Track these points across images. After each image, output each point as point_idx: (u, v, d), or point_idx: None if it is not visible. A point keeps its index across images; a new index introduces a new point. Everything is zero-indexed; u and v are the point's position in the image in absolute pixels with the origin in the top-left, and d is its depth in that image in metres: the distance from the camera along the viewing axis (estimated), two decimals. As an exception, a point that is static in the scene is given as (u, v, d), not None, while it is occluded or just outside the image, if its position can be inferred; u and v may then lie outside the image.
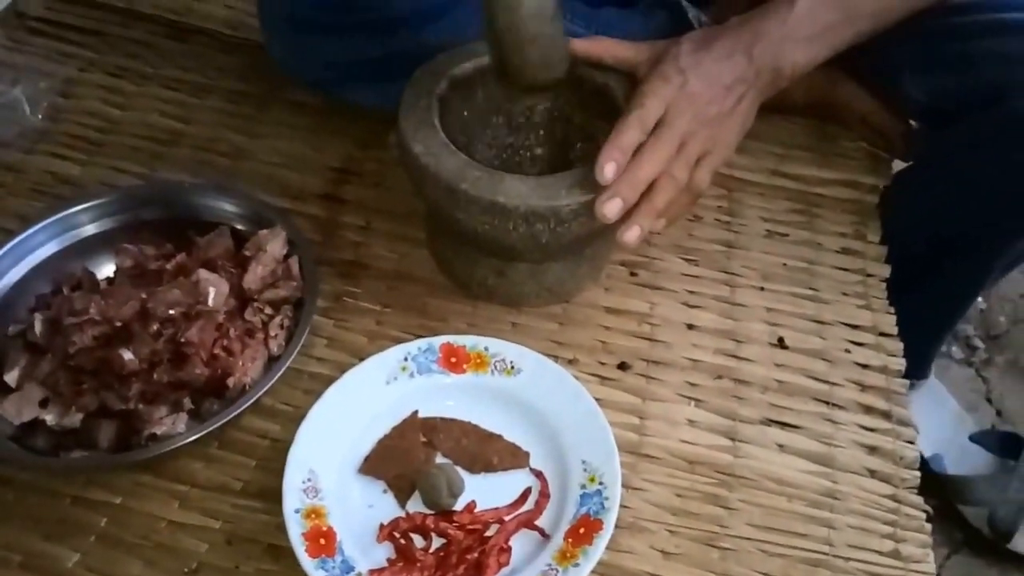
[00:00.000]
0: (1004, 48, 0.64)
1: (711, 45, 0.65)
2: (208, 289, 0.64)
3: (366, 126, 0.86)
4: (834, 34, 0.66)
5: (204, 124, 0.89)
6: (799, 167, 0.85)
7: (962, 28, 0.67)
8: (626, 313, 0.73)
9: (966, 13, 0.67)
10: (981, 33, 0.66)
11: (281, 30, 0.81)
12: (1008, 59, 0.64)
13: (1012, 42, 0.64)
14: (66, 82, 0.93)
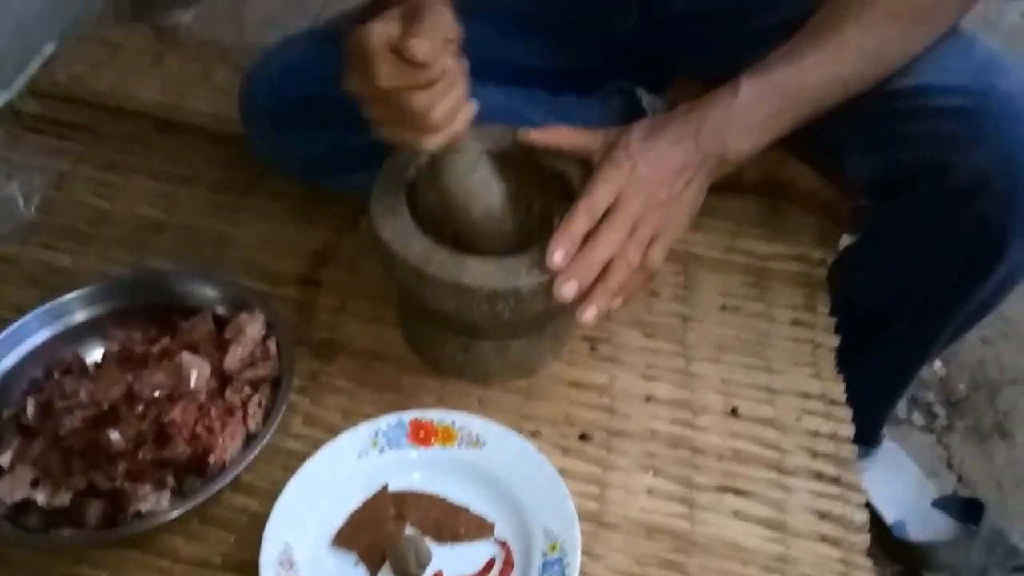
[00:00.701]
0: (934, 130, 0.70)
1: (660, 133, 0.70)
2: (191, 371, 0.68)
3: (343, 211, 0.91)
4: (775, 121, 0.71)
5: (189, 213, 0.94)
6: (751, 242, 0.91)
7: (897, 111, 0.72)
8: (587, 386, 0.77)
9: (899, 98, 0.72)
10: (914, 116, 0.71)
11: (261, 126, 0.87)
12: (938, 140, 0.69)
13: (941, 125, 0.69)
14: (59, 176, 0.98)
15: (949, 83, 0.69)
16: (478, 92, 0.62)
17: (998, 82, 0.68)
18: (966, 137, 0.67)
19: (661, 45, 0.93)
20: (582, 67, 0.95)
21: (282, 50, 0.87)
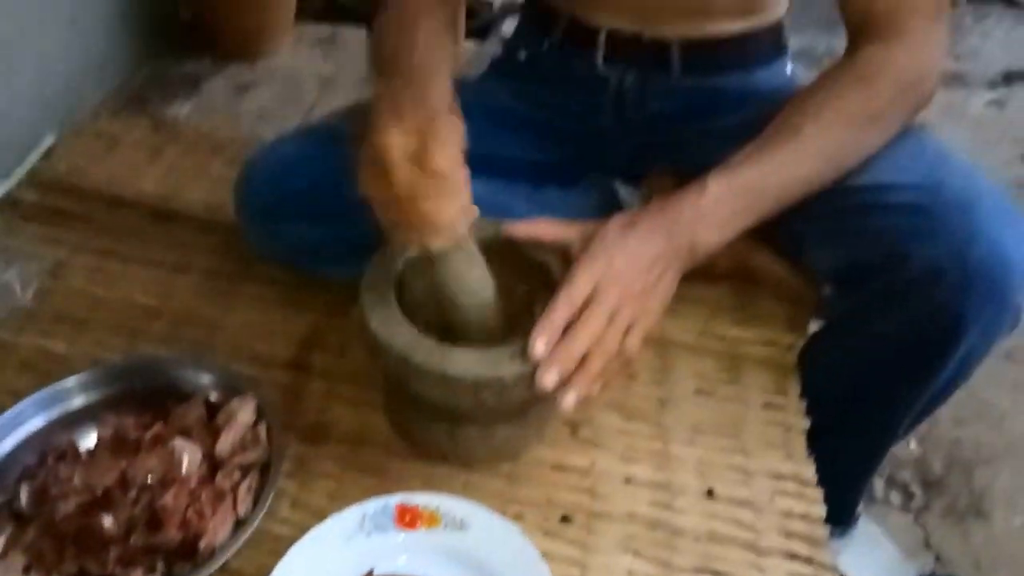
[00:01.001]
0: (890, 225, 0.74)
1: (635, 227, 0.73)
2: (183, 457, 0.70)
3: (332, 297, 0.94)
4: (741, 218, 0.76)
5: (182, 299, 0.97)
6: (725, 328, 0.94)
7: (854, 207, 0.77)
8: (569, 469, 0.79)
9: (856, 194, 0.76)
10: (870, 211, 0.76)
11: (255, 217, 0.91)
12: (894, 234, 0.73)
13: (896, 220, 0.73)
14: (56, 265, 1.01)
15: (902, 180, 0.74)
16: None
17: (947, 179, 0.73)
18: (919, 231, 0.71)
19: (636, 141, 0.98)
20: (563, 161, 1.01)
21: (277, 146, 0.92)
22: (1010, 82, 2.25)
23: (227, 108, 1.38)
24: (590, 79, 0.97)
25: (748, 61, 0.96)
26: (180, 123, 1.29)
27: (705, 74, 0.95)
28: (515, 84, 1.01)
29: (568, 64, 0.98)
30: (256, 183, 0.90)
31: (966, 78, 2.26)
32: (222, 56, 1.48)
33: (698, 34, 0.93)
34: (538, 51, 1.01)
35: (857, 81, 0.76)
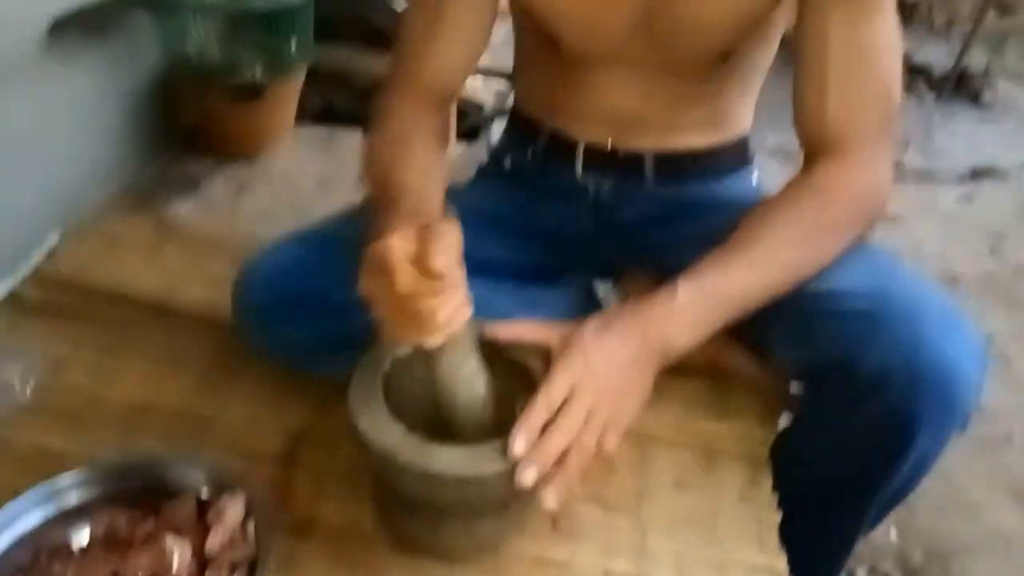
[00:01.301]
0: (842, 330, 0.78)
1: (610, 329, 0.77)
2: (173, 554, 0.72)
3: (323, 393, 0.98)
4: (709, 319, 0.80)
5: (177, 396, 1.00)
6: (700, 422, 0.98)
7: (810, 312, 0.81)
8: (549, 563, 0.82)
9: (812, 300, 0.81)
10: (825, 317, 0.80)
11: (252, 317, 0.95)
12: (846, 339, 0.78)
13: (848, 325, 0.78)
14: (56, 361, 1.04)
15: (854, 288, 0.79)
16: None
17: (895, 288, 0.78)
18: (869, 337, 0.76)
19: (613, 244, 1.04)
20: (545, 262, 1.06)
21: (275, 249, 0.96)
22: (977, 178, 2.35)
23: (227, 207, 1.44)
24: (570, 187, 1.03)
25: (716, 172, 1.02)
26: (181, 222, 1.35)
27: (676, 183, 1.01)
28: (500, 190, 1.07)
29: (549, 173, 1.04)
30: (254, 285, 0.94)
31: (936, 174, 2.36)
32: (223, 157, 1.55)
33: (669, 147, 1.00)
34: (522, 160, 1.07)
35: (813, 196, 0.82)
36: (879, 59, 0.82)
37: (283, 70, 1.56)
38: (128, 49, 1.50)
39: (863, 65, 0.81)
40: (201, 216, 1.38)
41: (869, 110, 0.82)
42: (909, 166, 2.39)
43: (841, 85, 0.81)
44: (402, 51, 0.94)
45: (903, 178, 2.34)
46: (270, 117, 1.57)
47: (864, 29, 0.80)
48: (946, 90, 2.74)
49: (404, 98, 0.93)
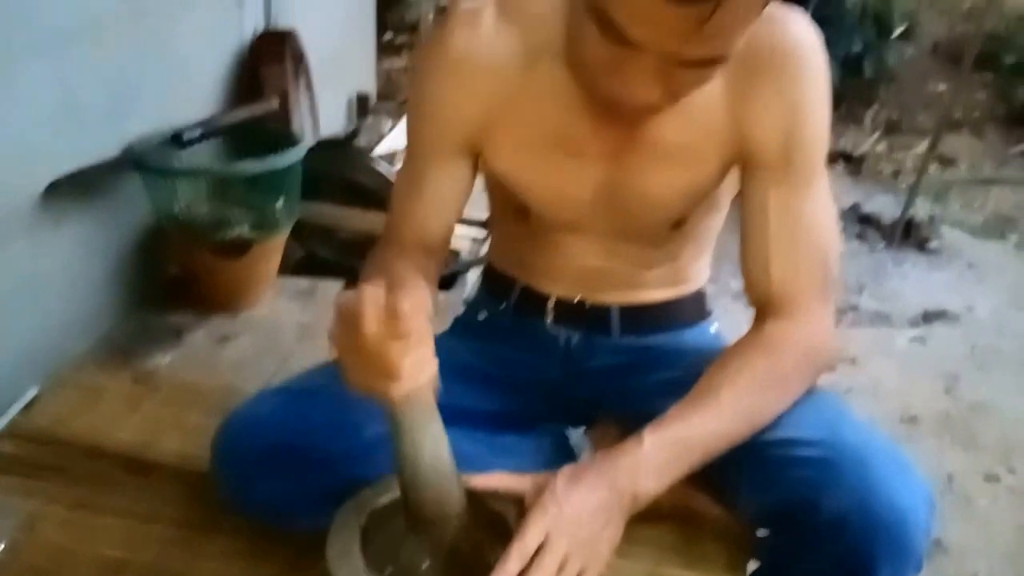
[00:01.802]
0: (798, 476, 0.82)
1: (581, 479, 0.81)
2: None
3: (298, 549, 0.98)
4: (674, 467, 0.84)
5: (150, 552, 1.00)
6: (671, 568, 0.99)
7: (767, 459, 0.85)
8: None
9: (769, 448, 0.85)
10: (781, 464, 0.84)
11: (230, 471, 0.96)
12: (802, 485, 0.82)
13: (802, 472, 0.82)
14: (29, 517, 1.04)
15: (807, 436, 0.83)
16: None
17: (846, 435, 0.83)
18: (824, 483, 0.80)
19: (583, 393, 1.09)
20: (519, 410, 1.10)
21: (255, 400, 0.99)
22: (929, 321, 2.45)
23: (207, 358, 1.47)
24: (541, 338, 1.09)
25: (677, 324, 1.09)
26: (161, 374, 1.37)
27: (640, 334, 1.07)
28: (475, 342, 1.12)
29: (522, 325, 1.10)
30: (233, 437, 0.96)
31: (890, 317, 2.47)
32: (205, 309, 1.60)
33: (633, 301, 1.07)
34: (496, 313, 1.13)
35: (763, 351, 0.88)
36: (815, 227, 0.90)
37: (269, 228, 1.63)
38: (117, 208, 1.57)
39: (801, 233, 0.89)
40: (181, 368, 1.41)
41: (809, 273, 0.90)
42: (864, 309, 2.50)
43: (783, 251, 0.89)
44: (390, 213, 1.02)
45: (859, 321, 2.44)
46: (254, 271, 1.62)
47: (801, 202, 0.89)
48: (895, 238, 2.90)
49: (391, 250, 0.99)
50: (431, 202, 0.98)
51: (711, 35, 0.69)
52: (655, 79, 0.74)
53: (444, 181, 0.97)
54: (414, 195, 0.98)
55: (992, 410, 2.05)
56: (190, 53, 1.77)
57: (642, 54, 0.72)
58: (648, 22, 0.69)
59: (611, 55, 0.74)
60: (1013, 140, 4.06)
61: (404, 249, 0.98)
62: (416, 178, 0.98)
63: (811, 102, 0.88)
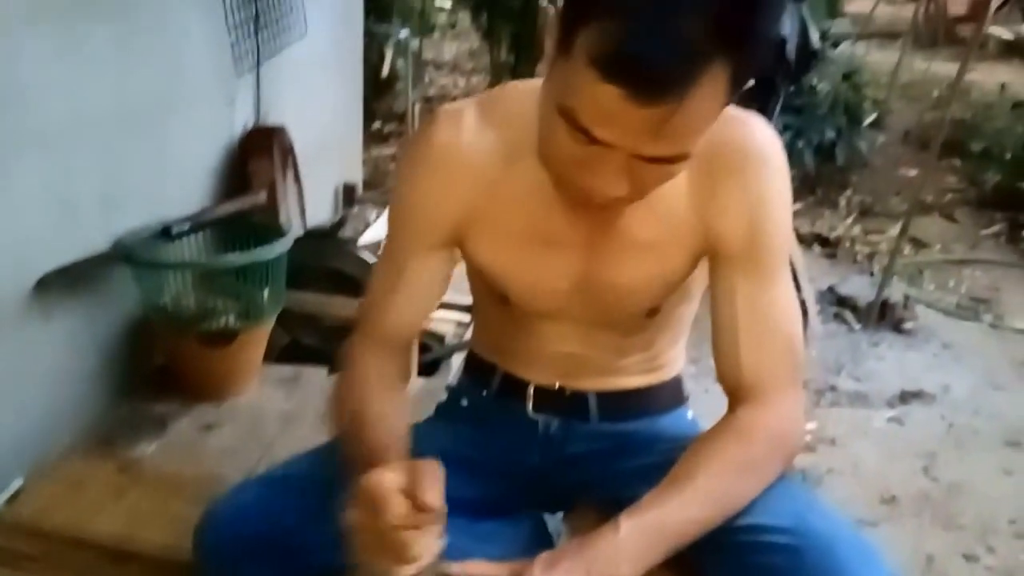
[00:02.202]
0: (767, 562, 0.84)
1: (558, 566, 0.81)
2: None
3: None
4: (650, 553, 0.85)
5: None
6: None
7: (738, 545, 0.87)
8: None
9: (739, 534, 0.87)
10: (751, 550, 0.86)
11: (213, 560, 0.97)
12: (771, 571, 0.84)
13: (771, 558, 0.84)
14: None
15: (776, 523, 0.86)
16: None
17: (814, 522, 0.85)
18: (791, 570, 0.82)
19: (562, 479, 1.11)
20: (499, 497, 1.11)
21: (239, 489, 1.01)
22: (906, 401, 2.49)
23: (192, 447, 1.48)
24: (522, 425, 1.11)
25: (654, 409, 1.12)
26: (145, 463, 1.38)
27: (618, 420, 1.10)
28: (457, 428, 1.14)
29: (503, 411, 1.13)
30: (217, 526, 0.97)
31: (868, 397, 2.50)
32: (191, 397, 1.62)
33: (610, 388, 1.10)
34: (477, 399, 1.16)
35: (736, 437, 0.91)
36: (782, 316, 0.94)
37: (255, 318, 1.67)
38: (105, 300, 1.60)
39: (768, 324, 0.93)
40: (166, 457, 1.42)
41: (777, 361, 0.93)
42: (843, 390, 2.53)
43: (751, 342, 0.93)
44: (367, 304, 1.06)
45: (838, 402, 2.47)
46: (239, 360, 1.65)
47: (766, 292, 0.93)
48: (871, 319, 2.96)
49: (367, 345, 1.03)
50: (409, 295, 1.02)
51: (673, 135, 0.74)
52: (622, 174, 0.79)
53: (423, 274, 1.01)
54: (393, 287, 1.02)
55: (970, 490, 2.07)
56: (181, 149, 1.84)
57: (609, 151, 0.77)
58: (613, 123, 0.74)
59: (579, 152, 0.78)
60: (984, 223, 4.18)
61: (377, 347, 1.01)
62: (396, 271, 1.02)
63: (772, 199, 0.93)
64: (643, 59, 0.69)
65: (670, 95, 0.71)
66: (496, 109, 0.97)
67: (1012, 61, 7.16)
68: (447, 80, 6.59)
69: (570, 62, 0.75)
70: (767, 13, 0.74)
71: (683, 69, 0.70)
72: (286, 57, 2.20)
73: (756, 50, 0.75)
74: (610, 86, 0.71)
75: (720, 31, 0.70)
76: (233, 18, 1.91)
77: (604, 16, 0.71)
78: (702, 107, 0.74)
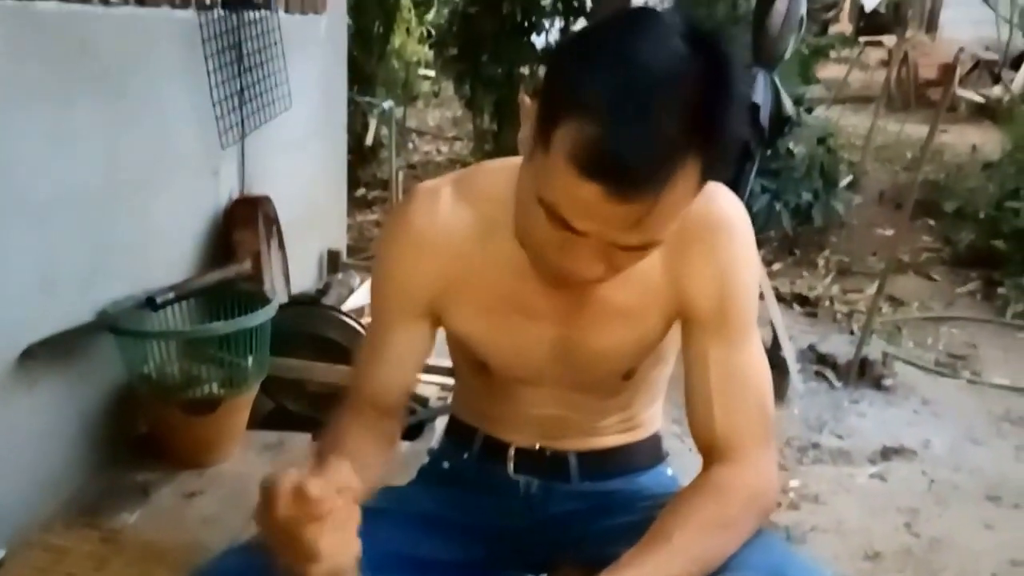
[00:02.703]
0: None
1: None
2: None
3: None
4: None
5: None
6: None
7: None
8: None
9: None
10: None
11: None
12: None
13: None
14: None
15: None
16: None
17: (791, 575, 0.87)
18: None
19: (543, 539, 1.12)
20: (481, 559, 1.12)
21: (221, 557, 1.01)
22: (888, 457, 2.51)
23: (174, 515, 1.48)
24: (503, 486, 1.13)
25: (633, 468, 1.14)
26: (127, 532, 1.38)
27: (599, 479, 1.12)
28: (439, 490, 1.16)
29: (484, 473, 1.14)
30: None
31: (850, 454, 2.52)
32: (174, 465, 1.62)
33: (590, 447, 1.12)
34: (459, 462, 1.18)
35: (712, 496, 0.92)
36: (752, 377, 0.97)
37: (238, 385, 1.68)
38: (89, 369, 1.61)
39: (739, 384, 0.96)
40: (149, 525, 1.41)
41: (750, 420, 0.96)
42: (825, 447, 2.55)
43: (724, 402, 0.96)
44: (353, 374, 1.08)
45: (821, 459, 2.49)
46: (222, 428, 1.66)
47: (737, 354, 0.96)
48: (851, 376, 2.99)
49: (351, 410, 1.05)
50: (391, 364, 1.04)
51: (650, 226, 0.78)
52: (598, 259, 0.83)
53: (404, 344, 1.04)
54: (375, 358, 1.05)
55: (952, 544, 2.08)
56: (167, 220, 1.87)
57: (586, 239, 0.80)
58: (592, 217, 0.77)
59: (557, 238, 0.82)
60: (960, 281, 4.26)
61: (364, 410, 1.03)
62: (378, 342, 1.05)
63: (738, 265, 0.97)
64: (621, 158, 0.73)
65: (648, 192, 0.74)
66: (471, 187, 1.01)
67: (982, 123, 7.36)
68: (430, 147, 6.72)
69: (549, 156, 0.78)
70: (736, 110, 0.78)
71: (660, 167, 0.74)
72: (271, 129, 2.26)
73: (727, 145, 0.79)
74: (590, 184, 0.74)
75: (694, 128, 0.74)
76: (218, 93, 1.97)
77: (582, 114, 0.74)
78: (678, 200, 0.78)
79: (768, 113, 2.55)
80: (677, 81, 0.74)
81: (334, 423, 1.03)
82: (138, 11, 1.73)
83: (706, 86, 0.75)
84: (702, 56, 0.76)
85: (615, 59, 0.75)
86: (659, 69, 0.74)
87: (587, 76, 0.76)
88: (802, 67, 4.60)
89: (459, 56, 5.37)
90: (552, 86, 0.80)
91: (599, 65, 0.76)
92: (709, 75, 0.75)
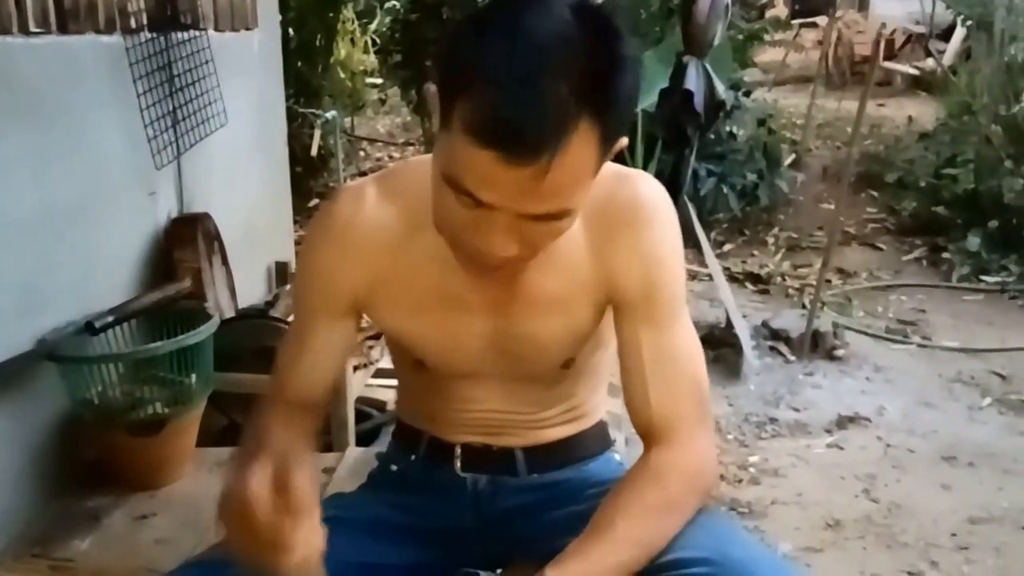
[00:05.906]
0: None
1: None
2: None
3: None
4: None
5: None
6: None
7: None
8: None
9: (660, 571, 0.88)
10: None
11: None
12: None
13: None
14: None
15: (695, 556, 0.88)
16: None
17: (734, 551, 0.88)
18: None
19: (494, 536, 1.12)
20: (434, 560, 1.12)
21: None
22: (843, 426, 2.56)
23: (127, 539, 1.45)
24: (451, 485, 1.13)
25: (580, 457, 1.15)
26: (80, 559, 1.35)
27: (546, 471, 1.13)
28: (389, 495, 1.15)
29: (432, 474, 1.14)
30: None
31: (807, 426, 2.56)
32: (124, 489, 1.59)
33: (536, 441, 1.12)
34: (407, 464, 1.17)
35: (652, 478, 0.94)
36: (684, 359, 0.98)
37: (183, 404, 1.66)
38: (31, 399, 1.58)
39: (672, 366, 0.97)
40: (100, 552, 1.39)
41: (684, 401, 0.97)
42: (783, 420, 2.59)
43: (658, 383, 0.97)
44: (274, 370, 1.08)
45: (779, 433, 2.53)
46: (170, 448, 1.64)
47: (668, 337, 0.98)
48: (804, 349, 3.04)
49: (274, 407, 1.04)
50: (313, 360, 1.04)
51: (551, 191, 0.79)
52: (510, 234, 0.84)
53: (327, 340, 1.04)
54: (298, 353, 1.05)
55: (910, 508, 2.12)
56: (104, 244, 1.84)
57: (495, 213, 0.81)
58: (493, 186, 0.79)
59: (467, 216, 0.83)
60: (905, 249, 4.36)
61: (286, 407, 1.03)
62: (301, 338, 1.05)
63: (664, 250, 0.98)
64: (512, 123, 0.75)
65: (541, 154, 0.76)
66: (395, 183, 1.01)
67: (918, 95, 7.53)
68: (382, 153, 6.69)
69: (451, 133, 0.80)
70: (625, 74, 0.79)
71: (551, 129, 0.75)
72: (208, 146, 2.23)
73: (619, 108, 0.81)
74: (486, 151, 0.76)
75: (582, 91, 0.76)
76: (149, 114, 1.94)
77: (475, 88, 0.77)
78: (576, 163, 0.79)
79: (702, 99, 2.59)
80: (564, 47, 0.77)
81: (258, 421, 1.02)
82: (62, 39, 1.70)
83: (593, 51, 0.77)
84: (589, 24, 0.78)
85: (504, 31, 0.77)
86: (547, 36, 0.77)
87: (479, 50, 0.78)
88: (737, 52, 4.66)
89: (403, 63, 5.36)
90: (448, 64, 0.82)
91: (489, 39, 0.78)
92: (596, 41, 0.78)
